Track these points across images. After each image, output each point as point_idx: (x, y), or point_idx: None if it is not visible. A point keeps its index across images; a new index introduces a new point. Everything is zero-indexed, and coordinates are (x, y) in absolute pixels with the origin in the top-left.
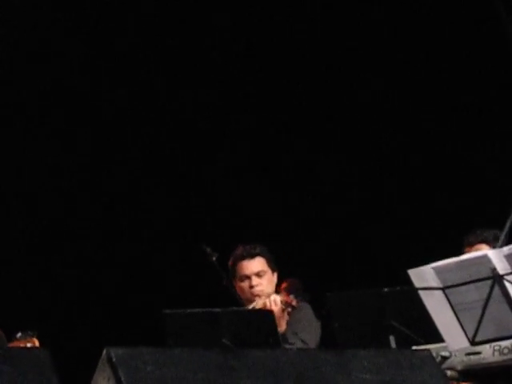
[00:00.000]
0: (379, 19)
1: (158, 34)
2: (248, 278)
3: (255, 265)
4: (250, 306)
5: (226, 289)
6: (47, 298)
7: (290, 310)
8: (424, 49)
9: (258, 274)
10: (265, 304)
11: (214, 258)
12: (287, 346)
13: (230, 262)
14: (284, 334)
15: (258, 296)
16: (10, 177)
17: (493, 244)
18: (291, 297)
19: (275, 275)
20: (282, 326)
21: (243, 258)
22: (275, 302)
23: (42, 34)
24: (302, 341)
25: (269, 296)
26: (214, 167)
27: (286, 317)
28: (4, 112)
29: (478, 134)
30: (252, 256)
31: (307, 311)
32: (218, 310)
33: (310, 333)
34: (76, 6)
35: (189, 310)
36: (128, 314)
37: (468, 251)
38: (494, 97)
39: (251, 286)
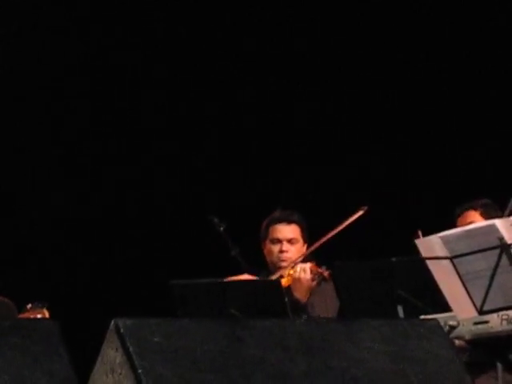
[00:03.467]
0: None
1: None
2: (280, 241)
3: (290, 230)
4: (277, 275)
5: (234, 259)
6: (57, 270)
7: (317, 281)
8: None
9: (291, 241)
10: (294, 272)
11: (221, 229)
12: (305, 317)
13: (264, 223)
14: (306, 305)
15: (285, 261)
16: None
17: (481, 210)
18: (323, 268)
19: (305, 247)
20: (306, 297)
21: (280, 221)
22: (304, 271)
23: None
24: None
25: (295, 264)
26: (223, 138)
27: (314, 287)
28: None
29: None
30: (289, 222)
31: (332, 290)
32: (225, 279)
33: (329, 313)
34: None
35: (196, 280)
36: (136, 285)
37: (460, 223)
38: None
39: (281, 251)
